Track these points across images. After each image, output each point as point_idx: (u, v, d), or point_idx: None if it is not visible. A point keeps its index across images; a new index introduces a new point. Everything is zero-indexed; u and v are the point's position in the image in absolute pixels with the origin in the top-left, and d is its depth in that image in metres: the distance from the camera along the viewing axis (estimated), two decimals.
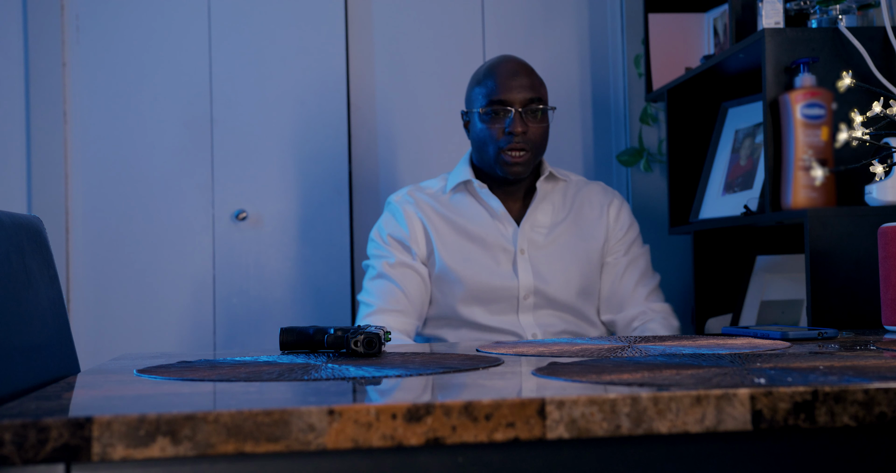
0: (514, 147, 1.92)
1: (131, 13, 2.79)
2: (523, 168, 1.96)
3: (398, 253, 1.99)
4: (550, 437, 0.78)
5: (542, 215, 2.02)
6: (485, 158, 1.98)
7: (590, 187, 2.10)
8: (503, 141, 1.93)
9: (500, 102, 1.94)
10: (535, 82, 1.99)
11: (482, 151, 1.98)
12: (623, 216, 2.07)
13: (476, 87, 2.01)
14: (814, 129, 1.81)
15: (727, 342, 1.31)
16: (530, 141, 1.94)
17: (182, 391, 0.90)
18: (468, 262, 1.97)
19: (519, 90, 1.94)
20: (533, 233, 2.00)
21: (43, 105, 2.74)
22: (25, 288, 1.15)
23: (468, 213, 2.02)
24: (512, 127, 1.92)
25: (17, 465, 0.72)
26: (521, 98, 1.94)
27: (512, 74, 1.97)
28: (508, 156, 1.93)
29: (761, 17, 1.92)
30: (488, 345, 1.37)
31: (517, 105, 1.94)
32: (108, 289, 2.75)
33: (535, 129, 1.95)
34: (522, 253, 1.98)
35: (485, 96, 1.97)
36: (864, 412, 0.80)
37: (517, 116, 1.93)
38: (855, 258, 1.68)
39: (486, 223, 2.00)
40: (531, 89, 1.96)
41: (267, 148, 2.81)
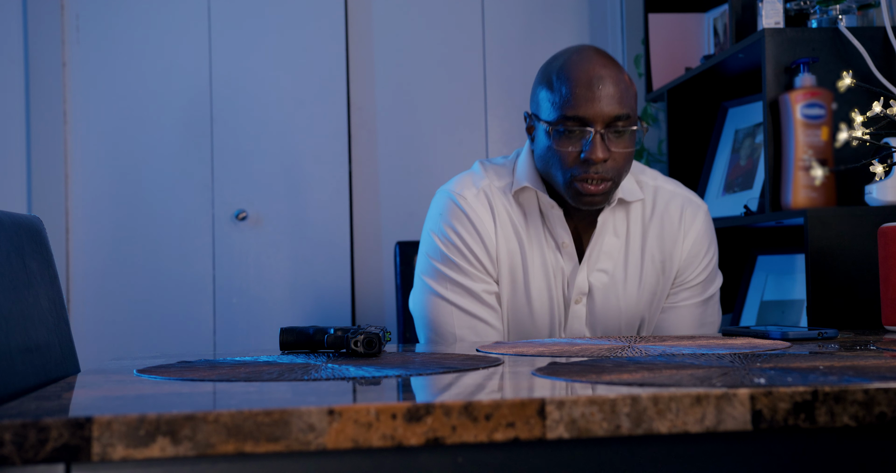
0: (591, 177, 1.50)
1: (131, 13, 2.79)
2: (601, 199, 1.53)
3: (483, 275, 1.59)
4: (550, 437, 0.78)
5: (605, 257, 1.60)
6: (552, 181, 1.56)
7: (667, 207, 1.64)
8: (577, 169, 1.50)
9: (576, 118, 1.49)
10: (624, 92, 1.51)
11: (549, 173, 1.55)
12: (697, 252, 1.64)
13: (545, 89, 1.54)
14: (814, 129, 1.81)
15: (727, 342, 1.31)
16: (613, 169, 1.50)
17: (182, 391, 0.90)
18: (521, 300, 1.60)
19: (602, 104, 1.48)
20: (593, 276, 1.60)
21: (43, 105, 2.74)
22: (25, 288, 1.16)
23: (534, 234, 1.60)
24: (591, 153, 1.48)
25: (17, 465, 0.72)
26: (604, 115, 1.48)
27: (594, 80, 1.49)
28: (583, 186, 1.50)
29: (761, 17, 1.92)
30: (488, 345, 1.36)
31: (598, 124, 1.48)
32: (108, 289, 2.75)
33: (620, 155, 1.50)
34: (578, 303, 1.60)
35: (556, 107, 1.51)
36: (864, 412, 0.80)
37: (598, 139, 1.48)
38: (855, 258, 1.68)
39: (552, 255, 1.59)
40: (619, 103, 1.49)
41: (267, 148, 2.81)
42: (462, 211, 1.59)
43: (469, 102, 2.89)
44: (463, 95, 2.88)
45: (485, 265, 1.58)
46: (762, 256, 2.28)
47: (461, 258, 1.58)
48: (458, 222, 1.59)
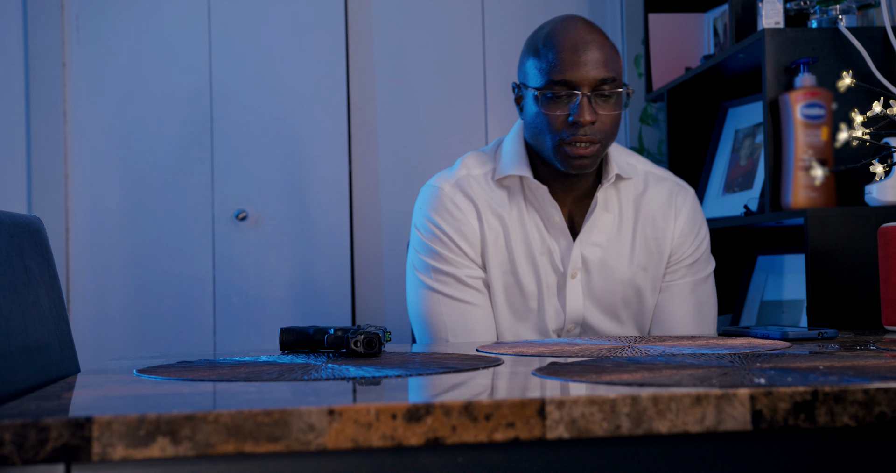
0: (579, 139, 1.52)
1: (131, 13, 2.79)
2: (590, 161, 1.55)
3: (466, 261, 1.62)
4: (550, 437, 0.78)
5: (599, 232, 1.63)
6: (541, 147, 1.58)
7: (657, 188, 1.68)
8: (566, 132, 1.53)
9: (562, 82, 1.52)
10: (609, 56, 1.54)
11: (538, 139, 1.58)
12: (688, 232, 1.67)
13: (532, 57, 1.57)
14: (814, 129, 1.81)
15: (727, 342, 1.31)
16: (600, 131, 1.53)
17: (182, 391, 0.90)
18: (510, 280, 1.62)
19: (588, 68, 1.51)
20: (588, 251, 1.62)
21: (43, 105, 2.74)
22: (25, 288, 1.16)
23: (520, 216, 1.63)
24: (578, 115, 1.51)
25: (17, 465, 0.72)
26: (590, 78, 1.51)
27: (580, 45, 1.52)
28: (572, 149, 1.53)
29: (761, 17, 1.92)
30: (488, 345, 1.36)
31: (585, 87, 1.51)
32: (108, 289, 2.75)
33: (607, 117, 1.54)
34: (573, 278, 1.61)
35: (543, 73, 1.54)
36: (864, 412, 0.80)
37: (585, 101, 1.51)
38: (855, 258, 1.68)
39: (539, 234, 1.62)
40: (604, 66, 1.52)
41: (267, 148, 2.81)
42: (440, 202, 1.63)
43: (469, 102, 2.89)
44: (463, 95, 2.88)
45: (465, 252, 1.61)
46: (762, 256, 2.28)
47: (443, 247, 1.62)
48: (436, 214, 1.63)
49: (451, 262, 1.61)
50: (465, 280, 1.61)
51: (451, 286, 1.61)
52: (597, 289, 1.63)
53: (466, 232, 1.62)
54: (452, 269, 1.61)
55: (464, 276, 1.61)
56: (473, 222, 1.62)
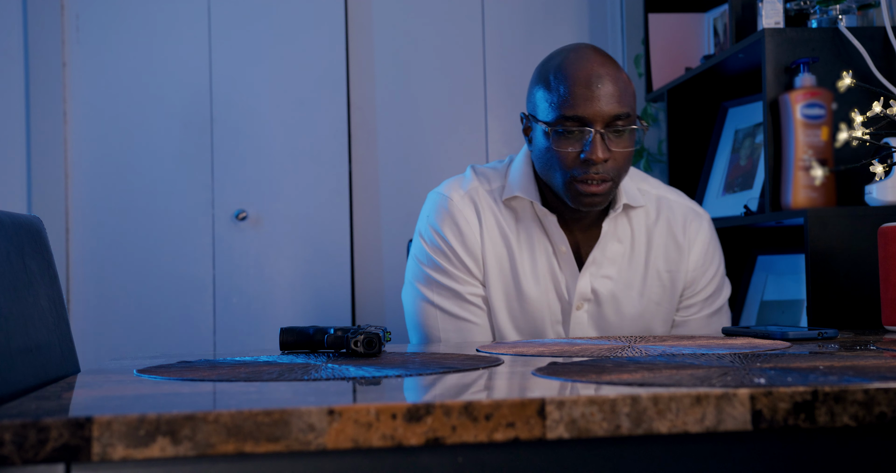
0: (591, 177, 1.47)
1: (131, 13, 2.79)
2: (602, 200, 1.50)
3: (468, 278, 1.58)
4: (550, 437, 0.78)
5: (609, 263, 1.58)
6: (551, 182, 1.53)
7: (671, 215, 1.62)
8: (577, 170, 1.47)
9: (575, 118, 1.46)
10: (623, 90, 1.48)
11: (548, 174, 1.52)
12: (707, 262, 1.62)
13: (542, 88, 1.51)
14: (814, 129, 1.81)
15: (727, 342, 1.31)
16: (613, 169, 1.48)
17: (182, 391, 0.90)
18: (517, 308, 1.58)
19: (602, 103, 1.45)
20: (596, 282, 1.57)
21: (43, 105, 2.74)
22: (25, 288, 1.16)
23: (528, 241, 1.57)
24: (591, 153, 1.45)
25: (17, 465, 0.72)
26: (604, 114, 1.45)
27: (593, 79, 1.46)
28: (583, 187, 1.47)
29: (761, 17, 1.92)
30: (488, 345, 1.36)
31: (598, 124, 1.45)
32: (108, 289, 2.76)
33: (620, 154, 1.48)
34: (579, 309, 1.57)
35: (554, 107, 1.47)
36: (864, 412, 0.80)
37: (598, 139, 1.45)
38: (855, 258, 1.68)
39: (547, 261, 1.57)
40: (618, 102, 1.46)
41: (267, 148, 2.81)
42: (448, 212, 1.59)
43: (469, 102, 2.89)
44: (463, 95, 2.89)
45: (469, 268, 1.57)
46: (762, 256, 2.28)
47: (445, 261, 1.58)
48: (443, 224, 1.59)
49: (454, 277, 1.57)
50: (467, 297, 1.57)
51: (451, 302, 1.57)
52: (605, 322, 1.58)
53: (471, 247, 1.57)
54: (454, 284, 1.57)
55: (465, 293, 1.57)
56: (478, 238, 1.57)
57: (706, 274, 1.63)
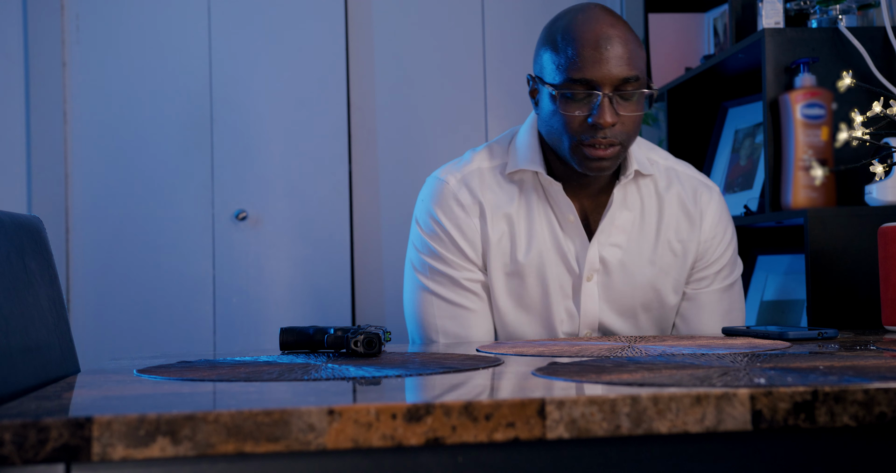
0: (599, 141, 1.42)
1: (131, 13, 2.79)
2: (609, 164, 1.45)
3: (465, 263, 1.54)
4: (550, 437, 0.78)
5: (618, 232, 1.54)
6: (557, 146, 1.48)
7: (682, 185, 1.58)
8: (585, 134, 1.42)
9: (583, 81, 1.41)
10: (633, 52, 1.43)
11: (554, 138, 1.48)
12: (718, 232, 1.59)
13: (549, 50, 1.46)
14: (814, 129, 1.81)
15: (727, 342, 1.31)
16: (621, 133, 1.43)
17: (182, 391, 0.90)
18: (524, 283, 1.53)
19: (610, 66, 1.40)
20: (606, 251, 1.53)
21: (43, 105, 2.74)
22: (25, 288, 1.16)
23: (532, 214, 1.54)
24: (598, 117, 1.40)
25: (17, 465, 0.72)
26: (612, 77, 1.40)
27: (602, 40, 1.41)
28: (591, 151, 1.43)
29: (761, 17, 1.92)
30: (488, 345, 1.36)
31: (606, 87, 1.41)
32: (108, 289, 2.76)
33: (629, 118, 1.43)
34: (589, 280, 1.52)
35: (561, 69, 1.42)
36: (864, 412, 0.80)
37: (606, 102, 1.40)
38: (855, 258, 1.68)
39: (552, 233, 1.53)
40: (627, 64, 1.41)
41: (267, 148, 2.81)
42: (443, 197, 1.55)
43: (469, 102, 2.89)
44: (463, 95, 2.88)
45: (465, 253, 1.53)
46: (762, 256, 2.28)
47: (441, 246, 1.54)
48: (438, 209, 1.55)
49: (450, 263, 1.54)
50: (463, 283, 1.53)
51: (447, 288, 1.54)
52: (614, 292, 1.53)
53: (468, 232, 1.53)
54: (450, 270, 1.53)
55: (462, 279, 1.53)
56: (476, 222, 1.53)
57: (719, 245, 1.58)
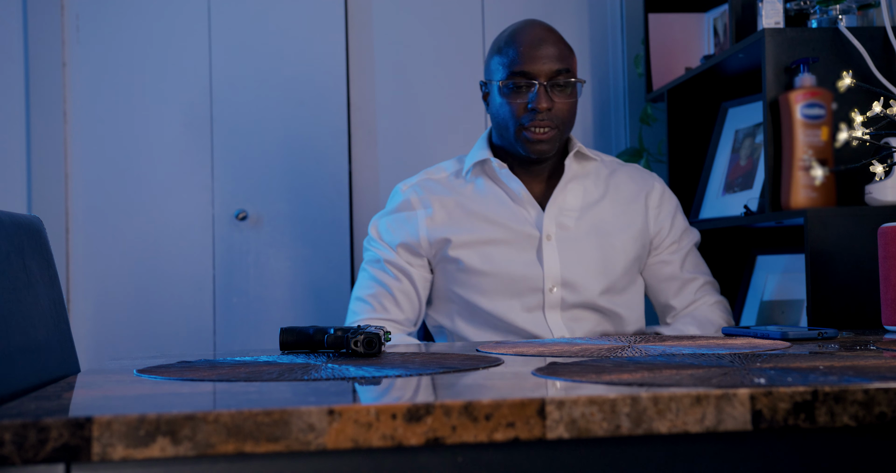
0: (538, 124, 1.72)
1: (131, 13, 2.79)
2: (548, 146, 1.74)
3: (391, 252, 1.81)
4: (550, 437, 0.78)
5: (571, 197, 1.80)
6: (505, 135, 1.77)
7: (625, 169, 1.88)
8: (525, 118, 1.72)
9: (522, 73, 1.72)
10: (563, 51, 1.75)
11: (502, 127, 1.77)
12: (666, 206, 1.86)
13: (496, 55, 1.78)
14: (814, 129, 1.81)
15: (727, 342, 1.31)
16: (557, 117, 1.73)
17: (182, 391, 0.90)
18: (488, 251, 1.76)
19: (544, 61, 1.72)
20: (562, 216, 1.78)
21: (43, 105, 2.74)
22: (25, 288, 1.16)
23: (487, 198, 1.80)
24: (536, 102, 1.70)
25: (17, 465, 0.72)
26: (546, 70, 1.72)
27: (537, 41, 1.74)
28: (531, 133, 1.72)
29: (761, 17, 1.92)
30: (488, 345, 1.37)
31: (542, 78, 1.72)
32: (108, 289, 2.75)
33: (563, 105, 1.74)
34: (549, 239, 1.75)
35: (505, 67, 1.74)
36: (864, 412, 0.80)
37: (542, 90, 1.71)
38: (855, 258, 1.68)
39: (507, 208, 1.78)
40: (558, 59, 1.73)
41: (267, 148, 2.81)
42: (394, 200, 1.85)
43: (469, 102, 2.89)
44: (463, 95, 2.89)
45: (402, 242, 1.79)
46: (762, 256, 2.28)
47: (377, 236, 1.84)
48: (388, 210, 1.85)
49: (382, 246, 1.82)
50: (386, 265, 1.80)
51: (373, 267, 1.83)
52: (574, 249, 1.76)
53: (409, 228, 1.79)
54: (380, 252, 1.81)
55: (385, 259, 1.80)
56: (421, 221, 1.79)
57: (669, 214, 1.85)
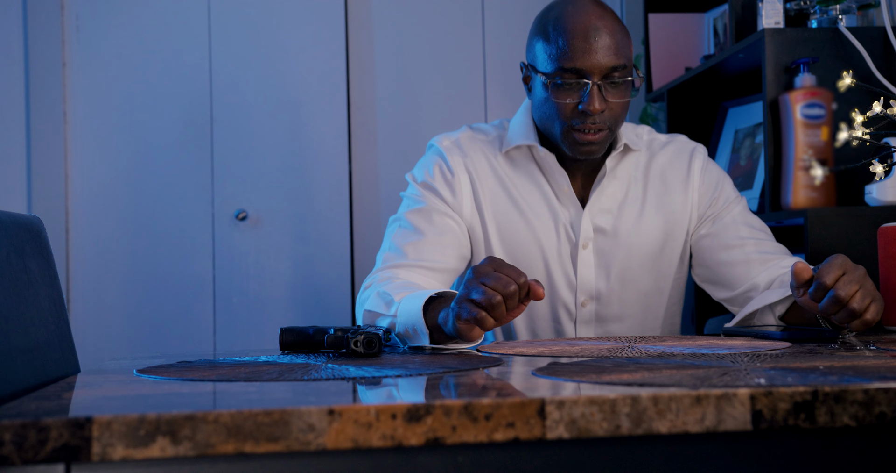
0: (588, 127, 1.50)
1: (131, 13, 2.79)
2: (598, 147, 1.54)
3: (433, 200, 1.61)
4: (550, 437, 0.78)
5: (608, 197, 1.61)
6: (549, 131, 1.56)
7: (663, 151, 1.66)
8: (575, 120, 1.51)
9: (573, 70, 1.49)
10: (620, 42, 1.50)
11: (546, 124, 1.56)
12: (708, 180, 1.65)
13: (541, 40, 1.54)
14: (814, 129, 1.81)
15: (727, 342, 1.31)
16: (609, 118, 1.51)
17: (182, 391, 0.90)
18: (520, 250, 1.59)
19: (599, 55, 1.48)
20: (599, 219, 1.60)
21: (43, 105, 2.74)
22: (25, 288, 1.16)
23: (527, 184, 1.61)
24: (588, 105, 1.48)
25: (17, 465, 0.72)
26: (601, 66, 1.48)
27: (591, 31, 1.48)
28: (581, 136, 1.51)
29: (761, 17, 1.92)
30: (488, 345, 1.36)
31: (595, 75, 1.48)
32: (108, 289, 2.75)
33: (616, 105, 1.51)
34: (585, 248, 1.58)
35: (553, 59, 1.50)
36: (864, 412, 0.80)
37: (595, 90, 1.48)
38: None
39: (547, 202, 1.60)
40: (615, 54, 1.49)
41: (267, 148, 2.81)
42: (441, 153, 1.63)
43: (469, 102, 2.89)
44: (463, 95, 2.89)
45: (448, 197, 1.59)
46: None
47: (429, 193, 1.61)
48: (433, 164, 1.63)
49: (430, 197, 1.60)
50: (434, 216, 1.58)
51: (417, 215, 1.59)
52: (610, 258, 1.59)
53: (454, 183, 1.60)
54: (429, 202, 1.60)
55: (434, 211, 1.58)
56: (463, 177, 1.61)
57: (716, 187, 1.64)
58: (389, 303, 1.39)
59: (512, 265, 1.21)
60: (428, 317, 1.30)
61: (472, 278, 1.21)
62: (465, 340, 1.25)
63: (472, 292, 1.19)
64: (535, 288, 1.19)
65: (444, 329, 1.27)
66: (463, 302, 1.20)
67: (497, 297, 1.18)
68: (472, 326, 1.21)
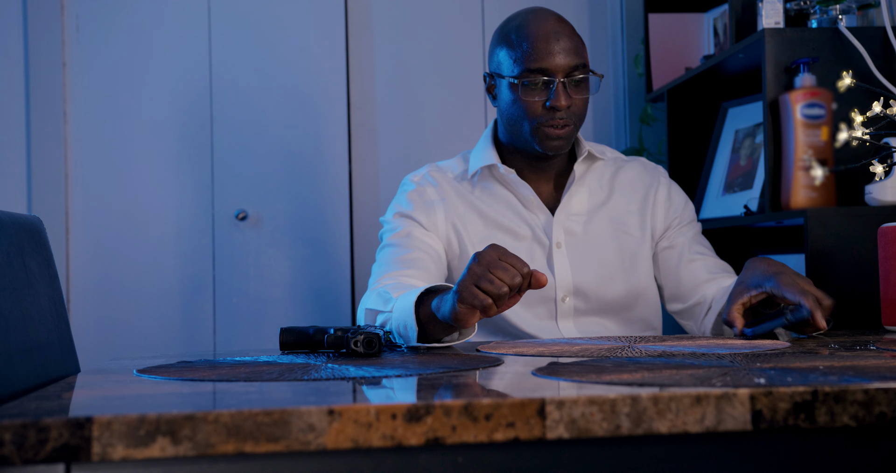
0: (556, 122, 1.62)
1: (131, 13, 2.79)
2: (565, 142, 1.65)
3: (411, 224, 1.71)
4: (550, 437, 0.78)
5: (577, 202, 1.72)
6: (518, 132, 1.67)
7: (629, 165, 1.79)
8: (543, 117, 1.62)
9: (539, 70, 1.60)
10: (578, 45, 1.64)
11: (515, 125, 1.66)
12: (675, 197, 1.78)
13: (505, 48, 1.66)
14: (814, 129, 1.81)
15: (727, 342, 1.31)
16: (574, 114, 1.63)
17: (182, 391, 0.90)
18: None
19: (562, 56, 1.60)
20: (569, 222, 1.70)
21: (43, 105, 2.74)
22: (25, 288, 1.16)
23: (495, 201, 1.72)
24: (555, 101, 1.59)
25: (17, 465, 0.72)
26: (564, 65, 1.60)
27: (551, 34, 1.61)
28: (549, 131, 1.62)
29: (761, 17, 1.92)
30: (488, 345, 1.37)
31: (559, 74, 1.60)
32: (108, 289, 2.75)
33: (580, 101, 1.63)
34: (559, 247, 1.68)
35: (519, 62, 1.62)
36: (864, 412, 0.80)
37: (560, 87, 1.60)
38: (855, 258, 1.68)
39: (517, 213, 1.70)
40: (575, 54, 1.62)
41: (267, 148, 2.81)
42: (412, 186, 1.75)
43: (469, 102, 2.89)
44: (463, 95, 2.89)
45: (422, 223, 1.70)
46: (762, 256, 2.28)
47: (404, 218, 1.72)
48: (405, 195, 1.74)
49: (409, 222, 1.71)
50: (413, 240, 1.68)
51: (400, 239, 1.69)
52: (584, 256, 1.69)
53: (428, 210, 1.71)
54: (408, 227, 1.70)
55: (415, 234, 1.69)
56: (438, 206, 1.71)
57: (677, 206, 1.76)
58: (387, 300, 1.46)
59: (515, 255, 1.25)
60: (421, 309, 1.35)
61: (477, 264, 1.24)
62: (459, 325, 1.27)
63: (481, 279, 1.23)
64: (537, 277, 1.24)
65: (437, 315, 1.30)
66: (469, 287, 1.23)
67: (504, 288, 1.22)
68: (474, 311, 1.25)
